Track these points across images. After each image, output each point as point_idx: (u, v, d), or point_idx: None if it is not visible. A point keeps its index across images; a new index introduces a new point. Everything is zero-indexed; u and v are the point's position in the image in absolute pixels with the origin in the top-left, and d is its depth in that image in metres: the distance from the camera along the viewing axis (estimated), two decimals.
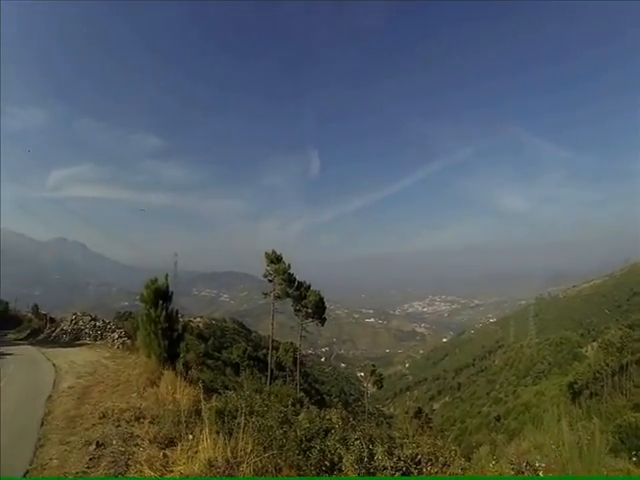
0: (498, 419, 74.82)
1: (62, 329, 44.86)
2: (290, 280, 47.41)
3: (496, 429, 65.50)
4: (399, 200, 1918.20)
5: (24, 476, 8.71)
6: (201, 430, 9.39)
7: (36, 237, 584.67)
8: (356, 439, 9.61)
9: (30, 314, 69.60)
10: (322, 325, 51.55)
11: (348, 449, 9.06)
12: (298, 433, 10.15)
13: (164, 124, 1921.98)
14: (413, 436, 11.83)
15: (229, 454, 8.18)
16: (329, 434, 10.43)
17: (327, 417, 12.36)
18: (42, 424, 12.88)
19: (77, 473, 8.76)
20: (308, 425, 10.90)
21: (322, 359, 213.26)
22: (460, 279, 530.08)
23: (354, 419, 14.08)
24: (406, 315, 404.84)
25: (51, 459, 9.60)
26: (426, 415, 59.21)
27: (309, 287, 49.51)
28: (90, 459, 9.31)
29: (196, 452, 8.63)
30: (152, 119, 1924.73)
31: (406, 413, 58.51)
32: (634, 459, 8.13)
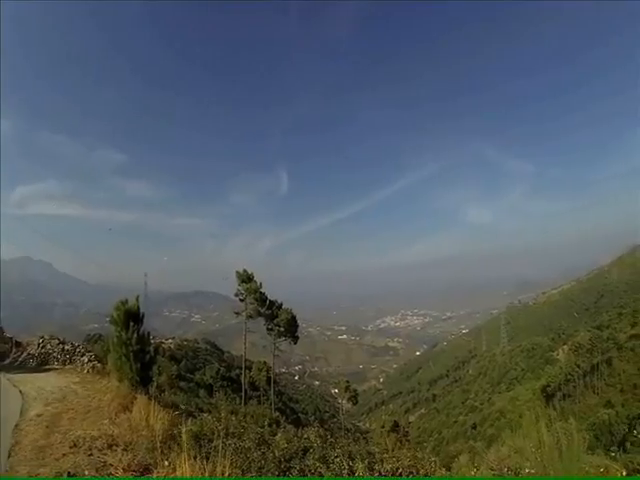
0: (474, 427, 75.77)
1: (29, 353, 43.25)
2: (262, 299, 47.40)
3: (473, 437, 66.42)
4: (369, 215, 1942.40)
5: None
6: (177, 455, 9.36)
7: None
8: (336, 457, 9.73)
9: None
10: (295, 343, 51.87)
11: (328, 467, 9.17)
12: (276, 454, 10.21)
13: (128, 138, 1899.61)
14: (392, 450, 12.00)
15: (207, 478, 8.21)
16: (308, 453, 10.51)
17: (305, 436, 12.42)
18: (9, 455, 12.47)
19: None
20: (286, 445, 10.96)
21: (296, 377, 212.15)
22: (431, 292, 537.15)
23: (332, 436, 14.16)
24: (379, 330, 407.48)
25: None
26: (403, 428, 59.46)
27: (281, 306, 49.63)
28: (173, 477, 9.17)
29: (173, 478, 8.61)
30: (116, 134, 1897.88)
31: (382, 427, 58.51)
32: (612, 454, 8.50)
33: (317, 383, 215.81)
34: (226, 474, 8.34)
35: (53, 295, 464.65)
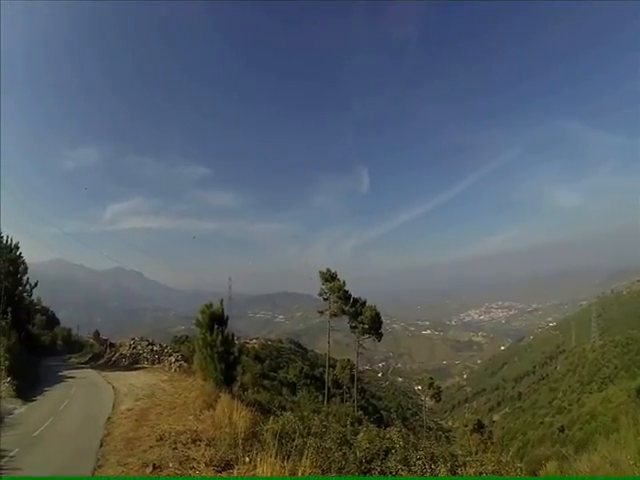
0: (562, 430, 70.37)
1: (121, 353, 47.16)
2: (345, 297, 47.96)
3: (560, 441, 61.43)
4: (449, 208, 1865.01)
5: None
6: (258, 453, 9.38)
7: (95, 268, 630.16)
8: (418, 458, 9.22)
9: (91, 339, 73.96)
10: (379, 340, 51.69)
11: (410, 469, 8.71)
12: (358, 454, 9.91)
13: (208, 153, 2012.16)
14: (476, 453, 11.18)
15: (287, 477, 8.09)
16: (389, 454, 10.09)
17: (387, 436, 11.99)
18: (101, 445, 13.47)
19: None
20: (368, 446, 10.62)
21: (379, 374, 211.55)
22: (516, 283, 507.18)
23: (414, 435, 13.58)
24: (462, 324, 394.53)
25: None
26: (489, 430, 56.81)
27: (364, 303, 49.77)
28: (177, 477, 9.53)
29: (253, 475, 8.60)
30: (195, 149, 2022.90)
31: (465, 426, 56.13)
32: None
33: (400, 380, 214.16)
34: (306, 473, 8.18)
35: (143, 301, 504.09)
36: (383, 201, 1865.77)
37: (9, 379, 24.54)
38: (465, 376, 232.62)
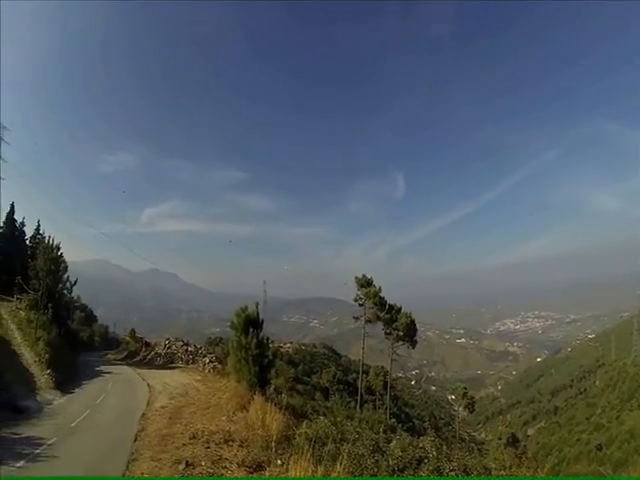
0: (600, 448, 67.22)
1: (156, 352, 48.56)
2: (381, 303, 47.78)
3: (598, 459, 58.80)
4: (484, 212, 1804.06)
5: None
6: (290, 456, 9.46)
7: (132, 268, 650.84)
8: (451, 470, 9.10)
9: (127, 337, 76.20)
10: (413, 347, 51.56)
11: None
12: (390, 462, 9.85)
13: (244, 157, 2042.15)
14: (510, 467, 10.87)
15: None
16: (422, 464, 10.00)
17: (420, 445, 11.85)
18: (135, 439, 13.91)
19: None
20: (401, 454, 10.54)
21: (412, 382, 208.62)
22: (553, 292, 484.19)
23: (447, 445, 13.31)
24: (498, 334, 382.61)
25: (142, 474, 10.26)
26: (523, 445, 55.06)
27: (400, 310, 49.69)
28: (179, 477, 9.77)
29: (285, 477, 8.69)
30: (231, 154, 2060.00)
31: (499, 439, 54.57)
32: None
33: (434, 388, 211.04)
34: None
35: (178, 302, 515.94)
36: (418, 206, 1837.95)
37: (49, 371, 25.75)
38: (500, 387, 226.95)
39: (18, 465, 10.57)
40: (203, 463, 10.72)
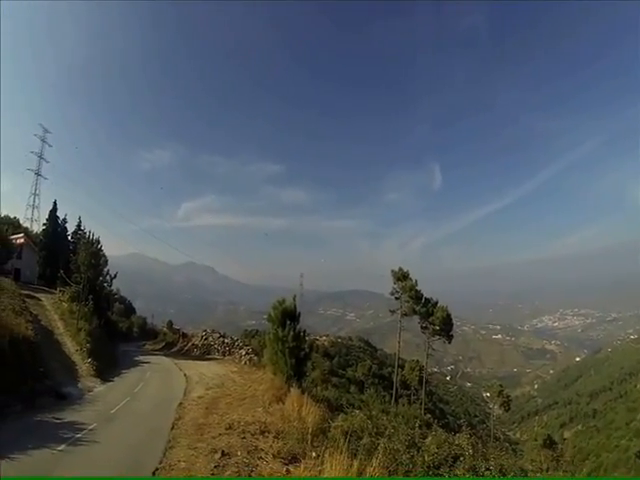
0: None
1: (193, 343, 49.80)
2: (417, 297, 47.91)
3: (637, 467, 56.43)
4: (523, 203, 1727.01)
5: (153, 473, 9.64)
6: (326, 449, 9.48)
7: (169, 261, 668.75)
8: (487, 469, 8.94)
9: (165, 328, 78.53)
10: (449, 342, 51.54)
11: None
12: (426, 459, 9.74)
13: (279, 151, 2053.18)
14: (547, 470, 10.55)
15: (353, 476, 8.11)
16: (457, 462, 9.85)
17: (456, 442, 11.66)
18: (172, 428, 14.28)
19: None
20: (436, 450, 10.41)
21: (447, 377, 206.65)
22: (594, 288, 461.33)
23: (482, 444, 13.03)
24: (535, 331, 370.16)
25: (179, 461, 10.50)
26: (560, 448, 53.54)
27: (436, 303, 49.58)
28: (215, 467, 9.95)
29: (320, 472, 8.70)
30: (267, 148, 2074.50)
31: (535, 440, 53.22)
32: None
33: (469, 385, 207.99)
34: (374, 474, 8.15)
35: (215, 295, 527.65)
36: (455, 197, 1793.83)
37: (90, 360, 26.89)
38: (536, 386, 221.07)
39: (59, 448, 11.02)
40: (239, 453, 10.89)
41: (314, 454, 10.06)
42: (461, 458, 10.10)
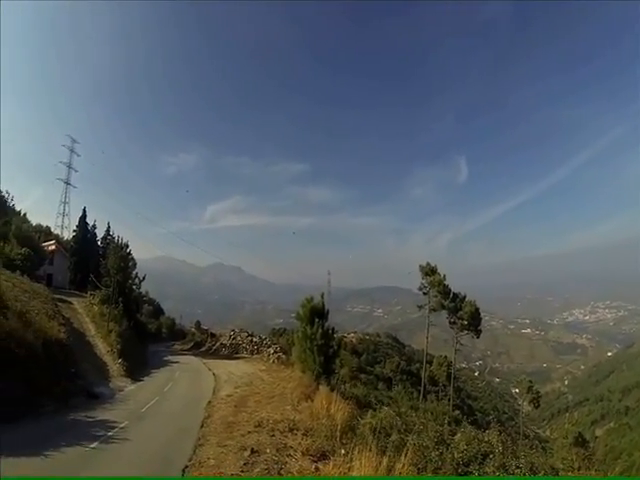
0: None
1: (222, 343, 50.50)
2: (445, 292, 47.54)
3: None
4: (551, 193, 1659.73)
5: (183, 471, 9.80)
6: (355, 446, 9.46)
7: (197, 263, 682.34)
8: (517, 467, 8.80)
9: (193, 329, 79.96)
10: (477, 337, 51.10)
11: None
12: (455, 456, 9.62)
13: (304, 150, 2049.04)
14: (579, 469, 10.30)
15: (382, 473, 8.06)
16: (487, 459, 9.69)
17: (486, 439, 11.48)
18: (202, 426, 14.53)
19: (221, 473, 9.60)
20: (465, 447, 10.26)
21: (476, 373, 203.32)
22: (627, 280, 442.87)
23: (511, 441, 12.81)
24: (565, 325, 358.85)
25: (209, 458, 10.65)
26: (592, 446, 52.21)
27: (464, 298, 49.23)
28: (244, 464, 10.06)
29: (349, 469, 8.68)
30: (291, 147, 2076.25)
31: (564, 438, 51.85)
32: None
33: (497, 380, 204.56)
34: (404, 472, 8.09)
35: (242, 294, 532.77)
36: (480, 191, 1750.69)
37: (120, 360, 27.65)
38: (566, 382, 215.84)
39: (92, 446, 11.31)
40: (268, 451, 10.98)
41: (343, 451, 10.06)
42: (491, 456, 9.94)
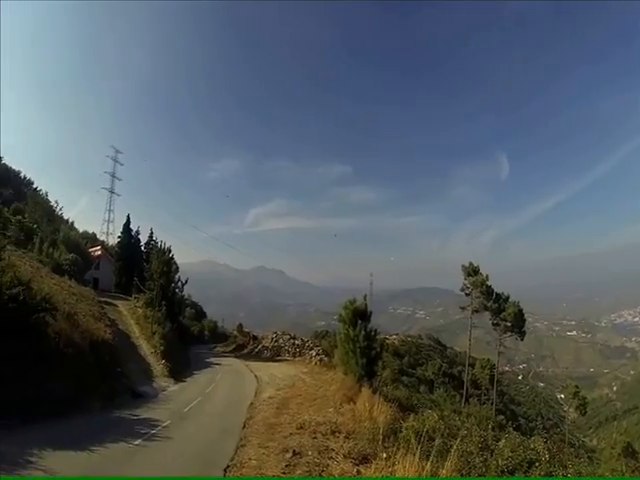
0: None
1: (264, 345, 51.04)
2: (488, 292, 46.85)
3: None
4: (598, 187, 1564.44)
5: (224, 471, 9.91)
6: (397, 450, 9.30)
7: (239, 267, 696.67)
8: (564, 476, 8.45)
9: (235, 331, 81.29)
10: (521, 339, 50.14)
11: None
12: (500, 462, 9.35)
13: (344, 152, 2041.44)
14: None
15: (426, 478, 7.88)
16: (532, 467, 9.36)
17: (531, 447, 11.07)
18: (244, 427, 14.70)
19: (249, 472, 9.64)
20: (510, 454, 9.94)
21: (519, 377, 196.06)
22: None
23: (557, 449, 12.32)
24: (613, 327, 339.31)
25: (250, 459, 10.74)
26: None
27: (507, 298, 48.23)
28: (286, 465, 10.07)
29: (391, 473, 8.54)
30: (333, 149, 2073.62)
31: (612, 448, 49.31)
32: None
33: (542, 385, 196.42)
34: (446, 476, 7.87)
35: (284, 297, 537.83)
36: (523, 187, 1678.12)
37: (163, 361, 28.56)
38: (615, 388, 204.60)
39: (136, 443, 11.69)
40: (310, 453, 10.96)
41: (385, 455, 9.90)
42: (537, 464, 9.61)
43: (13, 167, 73.26)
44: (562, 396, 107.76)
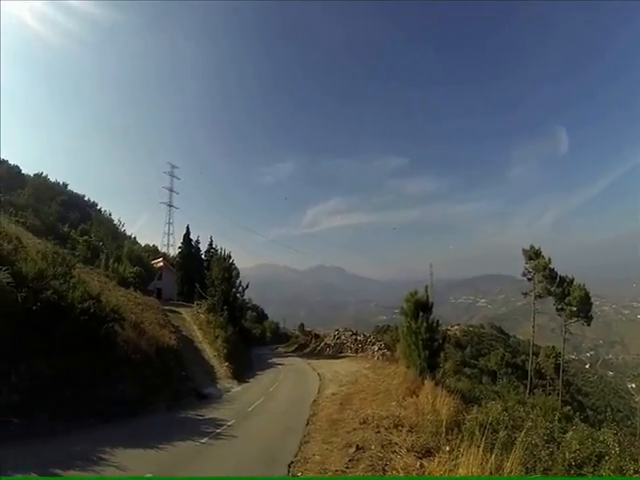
0: None
1: (326, 343, 51.56)
2: (551, 276, 44.91)
3: None
4: None
5: (288, 467, 10.20)
6: (460, 443, 9.22)
7: (298, 267, 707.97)
8: (635, 472, 7.97)
9: (296, 331, 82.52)
10: (588, 324, 47.72)
11: None
12: (567, 456, 8.98)
13: (400, 142, 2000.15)
14: None
15: (490, 472, 7.76)
16: (602, 461, 8.88)
17: (601, 439, 10.51)
18: (307, 424, 15.07)
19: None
20: (578, 447, 9.50)
21: (587, 365, 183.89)
22: None
23: (629, 443, 11.54)
24: None
25: (314, 455, 11.04)
26: None
27: (572, 281, 45.95)
28: (349, 460, 10.26)
29: (454, 466, 8.48)
30: (387, 141, 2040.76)
31: None
32: None
33: (611, 374, 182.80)
34: (513, 472, 7.71)
35: (345, 294, 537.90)
36: (584, 161, 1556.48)
37: (227, 364, 29.66)
38: None
39: (202, 441, 12.24)
40: (373, 447, 11.07)
41: (448, 448, 9.83)
42: (606, 457, 9.15)
43: (77, 192, 77.35)
44: (633, 385, 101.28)
